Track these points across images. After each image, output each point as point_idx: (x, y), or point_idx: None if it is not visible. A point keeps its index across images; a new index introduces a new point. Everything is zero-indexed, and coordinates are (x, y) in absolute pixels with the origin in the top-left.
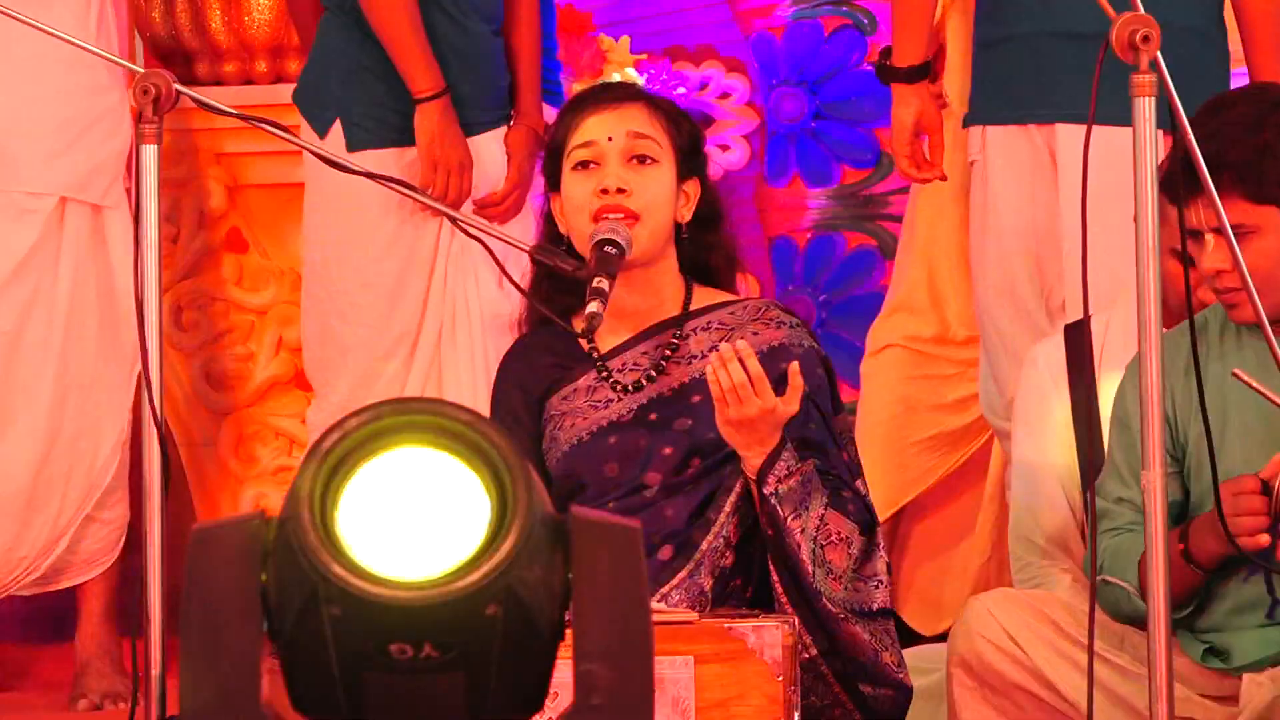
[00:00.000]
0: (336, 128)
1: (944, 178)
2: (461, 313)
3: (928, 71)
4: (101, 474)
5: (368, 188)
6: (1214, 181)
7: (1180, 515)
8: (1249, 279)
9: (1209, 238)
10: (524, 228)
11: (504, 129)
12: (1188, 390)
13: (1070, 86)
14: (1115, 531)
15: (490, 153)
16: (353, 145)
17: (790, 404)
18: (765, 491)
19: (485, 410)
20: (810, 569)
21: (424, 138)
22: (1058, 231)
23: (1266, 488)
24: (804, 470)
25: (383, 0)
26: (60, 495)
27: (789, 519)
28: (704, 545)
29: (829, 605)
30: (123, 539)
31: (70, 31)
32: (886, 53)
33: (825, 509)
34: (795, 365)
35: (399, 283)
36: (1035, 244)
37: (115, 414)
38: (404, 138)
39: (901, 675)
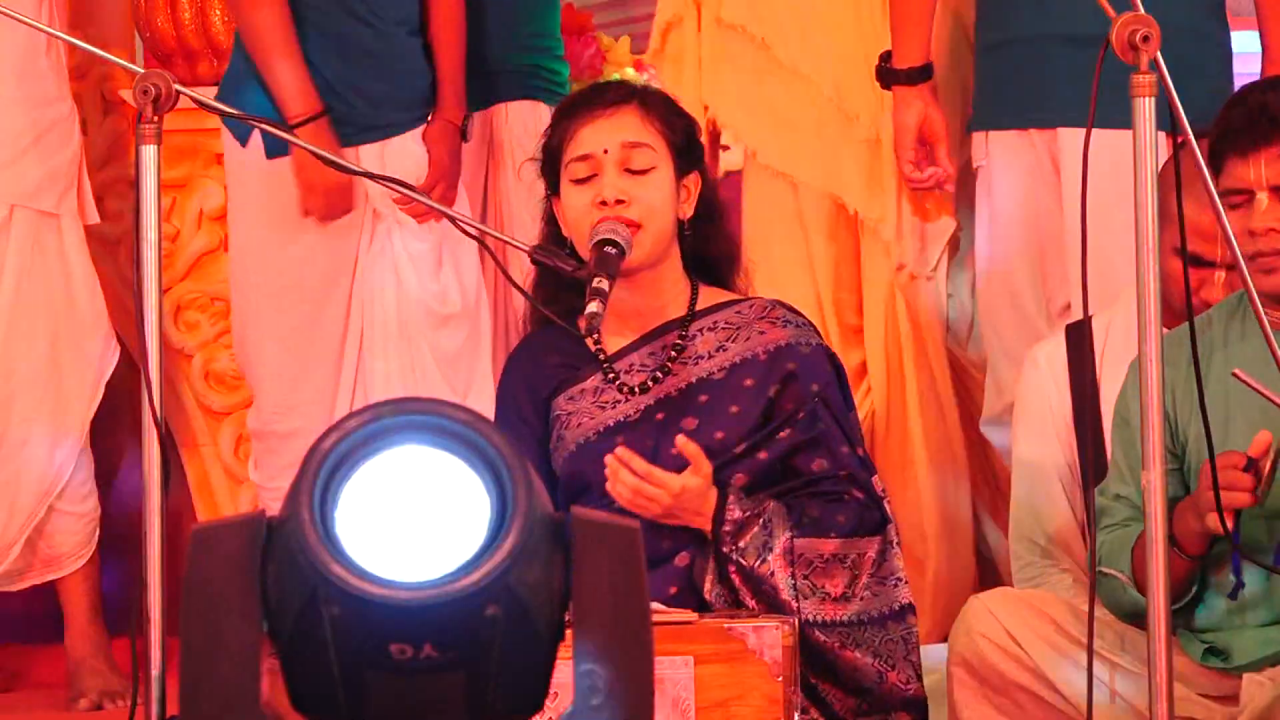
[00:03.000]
0: (256, 136)
1: (945, 182)
2: (381, 316)
3: (929, 73)
4: (56, 479)
5: (286, 196)
6: (1266, 139)
7: None
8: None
9: (1261, 196)
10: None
11: (423, 128)
12: (1189, 389)
13: (1071, 90)
14: (1112, 527)
15: (408, 154)
16: (271, 152)
17: (698, 470)
18: (724, 551)
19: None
20: (795, 605)
21: (297, 161)
22: (1061, 236)
23: (1251, 464)
24: (760, 513)
25: (249, 23)
26: (8, 502)
27: (756, 566)
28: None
29: (820, 635)
30: (97, 532)
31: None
32: (886, 55)
33: (792, 539)
34: (681, 439)
35: (323, 291)
36: (1038, 249)
37: (72, 420)
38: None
39: (912, 690)
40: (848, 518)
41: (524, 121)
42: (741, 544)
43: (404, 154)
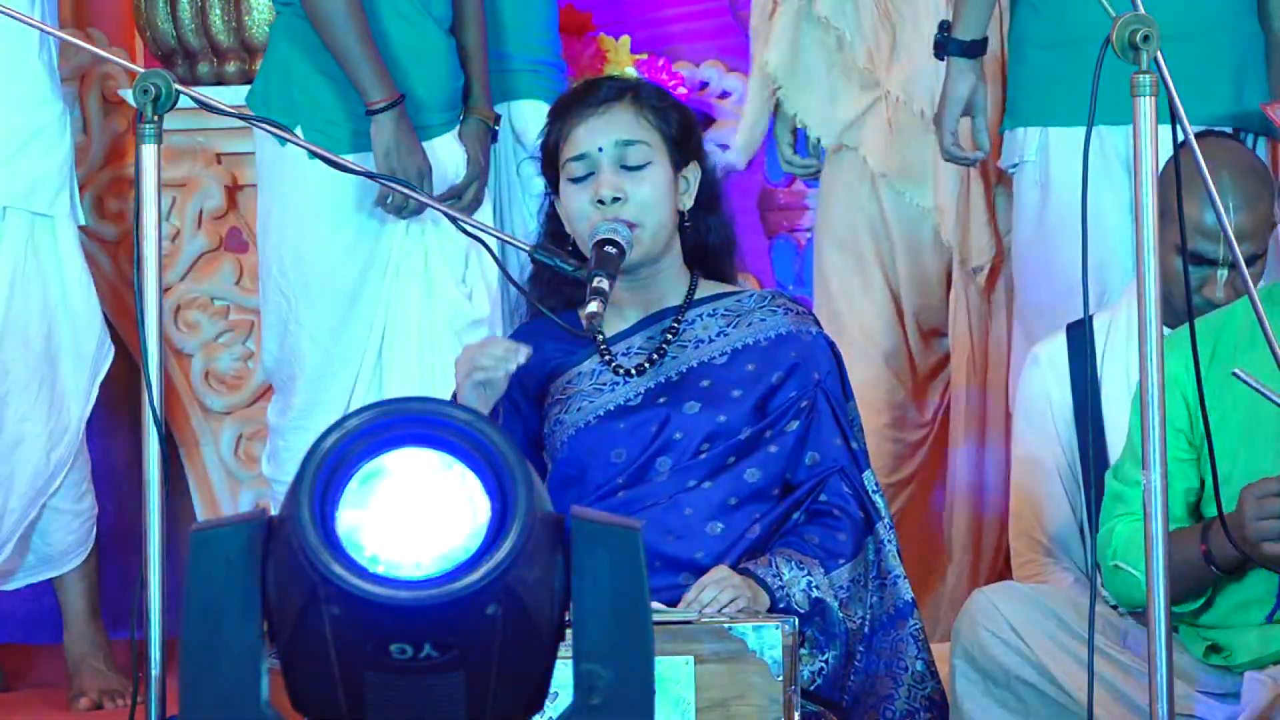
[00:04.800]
0: (297, 135)
1: (985, 156)
2: (408, 316)
3: (985, 48)
4: (51, 478)
5: (325, 194)
6: None
7: (1197, 502)
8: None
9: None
10: (481, 218)
11: (458, 128)
12: (1213, 379)
13: None
14: (1131, 516)
15: (449, 153)
16: (313, 152)
17: (712, 589)
18: (781, 609)
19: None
20: (850, 624)
21: (380, 148)
22: (1125, 231)
23: None
24: (789, 560)
25: (330, 10)
26: (1, 501)
27: (809, 608)
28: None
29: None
30: (94, 530)
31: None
32: (945, 25)
33: (828, 574)
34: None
35: (357, 290)
36: (1098, 245)
37: (66, 418)
38: (368, 142)
39: (929, 688)
40: (849, 534)
41: (525, 120)
42: (795, 594)
43: (446, 154)
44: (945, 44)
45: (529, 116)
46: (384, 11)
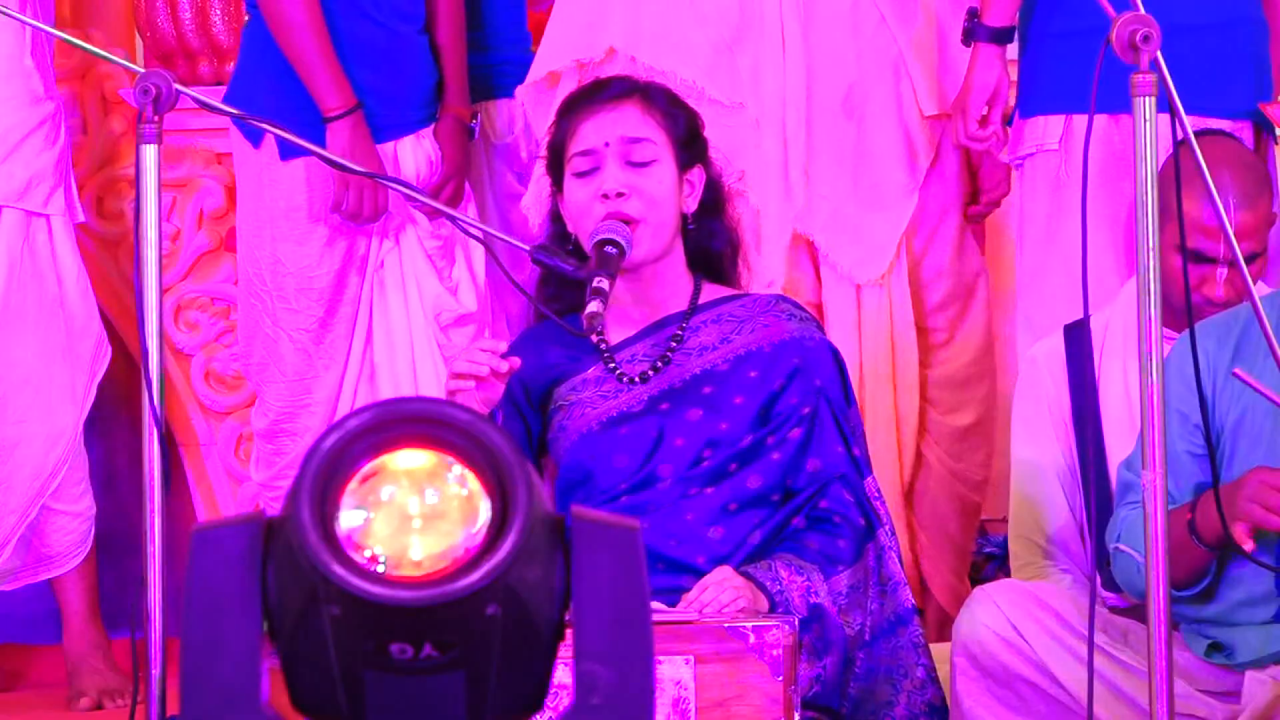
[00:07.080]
0: (269, 137)
1: (1002, 145)
2: (392, 315)
3: (1011, 36)
4: (49, 480)
5: (299, 195)
6: None
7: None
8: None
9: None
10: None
11: (433, 126)
12: (1229, 375)
13: (1175, 78)
14: (1136, 504)
15: (422, 151)
16: (286, 154)
17: (713, 589)
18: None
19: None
20: (848, 631)
21: (335, 155)
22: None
23: None
24: (789, 565)
25: (286, 18)
26: (0, 503)
27: (809, 613)
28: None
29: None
30: (92, 531)
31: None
32: (974, 13)
33: (825, 580)
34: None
35: (335, 290)
36: (1119, 234)
37: (64, 419)
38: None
39: (929, 695)
40: (848, 541)
41: (492, 120)
42: (794, 598)
43: (418, 153)
44: (974, 30)
45: (497, 116)
46: (347, 14)
